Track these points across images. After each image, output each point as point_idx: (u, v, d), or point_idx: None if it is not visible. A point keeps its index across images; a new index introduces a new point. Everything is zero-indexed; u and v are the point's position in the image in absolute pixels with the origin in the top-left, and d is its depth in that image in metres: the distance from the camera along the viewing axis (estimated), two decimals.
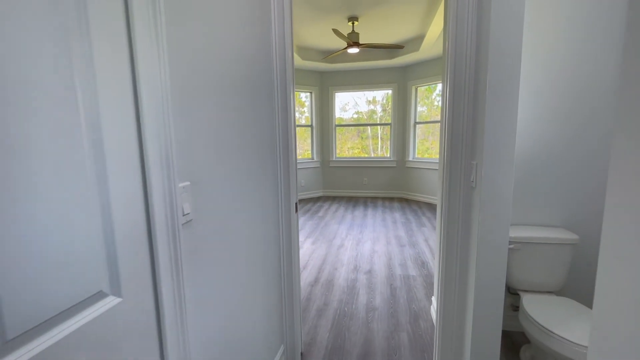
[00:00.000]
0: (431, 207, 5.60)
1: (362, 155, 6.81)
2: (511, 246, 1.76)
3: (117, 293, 0.61)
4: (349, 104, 6.74)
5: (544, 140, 1.82)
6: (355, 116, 6.80)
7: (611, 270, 0.42)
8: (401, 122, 6.25)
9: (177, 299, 0.75)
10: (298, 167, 6.27)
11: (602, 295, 0.43)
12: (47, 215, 0.48)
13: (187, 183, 0.81)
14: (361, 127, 6.84)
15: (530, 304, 1.61)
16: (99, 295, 0.58)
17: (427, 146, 6.16)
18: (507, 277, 1.82)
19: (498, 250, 1.29)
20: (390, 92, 6.30)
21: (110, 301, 0.60)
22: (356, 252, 3.46)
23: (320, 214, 5.24)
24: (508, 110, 1.21)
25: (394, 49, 4.37)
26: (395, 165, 6.39)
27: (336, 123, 6.66)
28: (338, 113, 6.73)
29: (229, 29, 1.05)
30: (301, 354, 1.82)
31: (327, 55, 5.34)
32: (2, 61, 0.42)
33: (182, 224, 0.78)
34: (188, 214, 0.81)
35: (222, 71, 1.01)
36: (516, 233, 1.76)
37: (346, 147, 6.94)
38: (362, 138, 6.91)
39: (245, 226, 1.20)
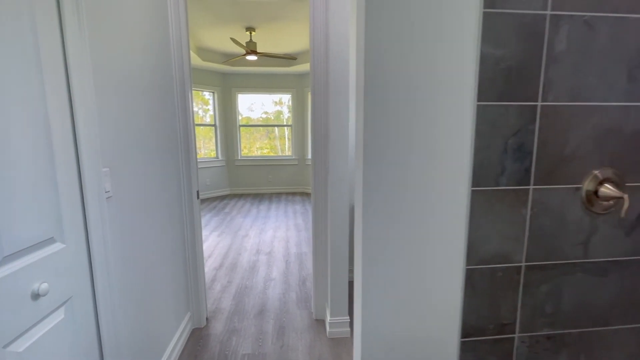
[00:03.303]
0: None
1: (271, 155, 7.24)
2: None
3: (61, 238, 0.91)
4: (255, 103, 7.09)
5: None
6: (263, 116, 7.19)
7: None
8: (300, 124, 6.93)
9: (103, 244, 1.07)
10: (203, 166, 6.32)
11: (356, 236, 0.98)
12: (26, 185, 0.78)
13: (107, 169, 1.12)
14: (270, 128, 7.27)
15: None
16: (51, 240, 0.88)
17: None
18: None
19: (342, 215, 1.90)
20: (290, 96, 6.90)
21: (57, 245, 0.90)
22: (259, 239, 3.89)
23: (227, 210, 5.48)
24: (343, 115, 1.82)
25: (289, 59, 4.94)
26: (296, 163, 7.03)
27: (241, 123, 6.93)
28: (246, 112, 7.01)
29: (135, 32, 1.36)
30: (207, 318, 2.16)
31: (228, 58, 5.59)
32: None
33: (106, 199, 1.10)
34: (109, 191, 1.12)
35: (130, 75, 1.31)
36: None
37: (255, 147, 7.26)
38: (270, 139, 7.34)
39: (153, 204, 1.51)
